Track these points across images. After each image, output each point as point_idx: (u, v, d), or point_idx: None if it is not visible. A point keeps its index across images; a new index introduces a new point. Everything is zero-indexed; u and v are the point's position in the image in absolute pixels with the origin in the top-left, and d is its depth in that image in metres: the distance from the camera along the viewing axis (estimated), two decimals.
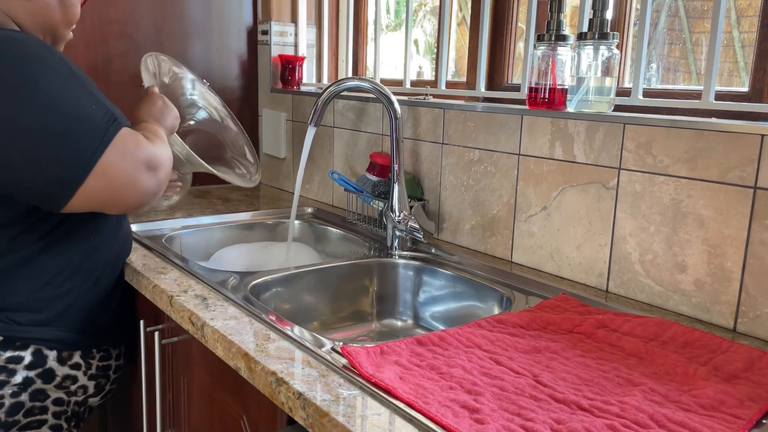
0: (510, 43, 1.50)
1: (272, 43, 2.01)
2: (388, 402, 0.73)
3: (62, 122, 0.91)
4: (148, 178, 0.99)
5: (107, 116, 0.96)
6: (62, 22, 1.07)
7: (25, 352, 1.05)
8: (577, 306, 1.05)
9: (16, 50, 0.92)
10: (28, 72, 0.91)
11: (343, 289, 1.31)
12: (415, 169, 1.50)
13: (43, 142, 0.91)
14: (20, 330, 1.04)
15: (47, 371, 1.07)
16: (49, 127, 0.91)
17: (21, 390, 1.05)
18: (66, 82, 0.94)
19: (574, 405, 0.73)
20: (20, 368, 1.04)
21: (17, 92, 0.90)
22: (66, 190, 0.93)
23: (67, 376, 1.10)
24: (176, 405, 1.18)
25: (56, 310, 1.08)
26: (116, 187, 0.96)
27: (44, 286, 1.06)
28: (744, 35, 1.13)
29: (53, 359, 1.07)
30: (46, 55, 0.95)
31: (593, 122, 1.13)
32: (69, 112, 0.92)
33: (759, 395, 0.77)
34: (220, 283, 1.11)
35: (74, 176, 0.92)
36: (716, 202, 0.99)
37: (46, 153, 0.91)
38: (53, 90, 0.92)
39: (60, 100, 0.92)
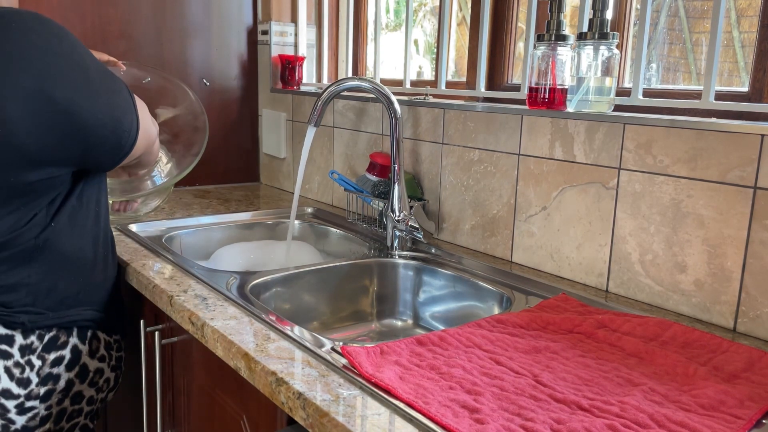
0: (510, 43, 1.50)
1: (272, 43, 2.01)
2: (388, 402, 0.73)
3: (110, 83, 1.00)
4: (155, 132, 1.12)
5: (122, 82, 1.04)
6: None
7: (65, 351, 1.05)
8: (577, 306, 1.05)
9: (51, 24, 0.96)
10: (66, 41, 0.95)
11: (343, 289, 1.31)
12: (415, 169, 1.50)
13: (110, 100, 0.98)
14: (68, 314, 1.05)
15: (82, 367, 1.09)
16: (109, 87, 0.99)
17: (64, 396, 1.07)
18: (85, 50, 0.99)
19: (574, 405, 0.73)
20: (63, 371, 1.05)
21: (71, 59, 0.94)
22: (130, 137, 1.02)
23: (97, 369, 1.11)
24: (176, 405, 1.18)
25: (89, 288, 1.09)
26: (149, 139, 1.08)
27: (75, 263, 1.07)
28: (744, 35, 1.13)
29: (86, 354, 1.09)
30: (60, 29, 0.98)
31: (593, 122, 1.13)
32: (107, 74, 1.00)
33: (759, 395, 0.77)
34: (220, 283, 1.11)
35: (134, 126, 1.02)
36: (716, 202, 0.99)
37: (116, 109, 0.99)
38: (89, 57, 0.98)
39: (99, 66, 0.99)
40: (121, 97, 1.01)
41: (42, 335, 1.03)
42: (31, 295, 1.01)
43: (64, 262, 1.05)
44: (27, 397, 1.02)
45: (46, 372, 1.03)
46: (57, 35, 0.94)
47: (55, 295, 1.04)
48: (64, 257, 1.04)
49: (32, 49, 0.91)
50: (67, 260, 1.05)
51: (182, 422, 1.16)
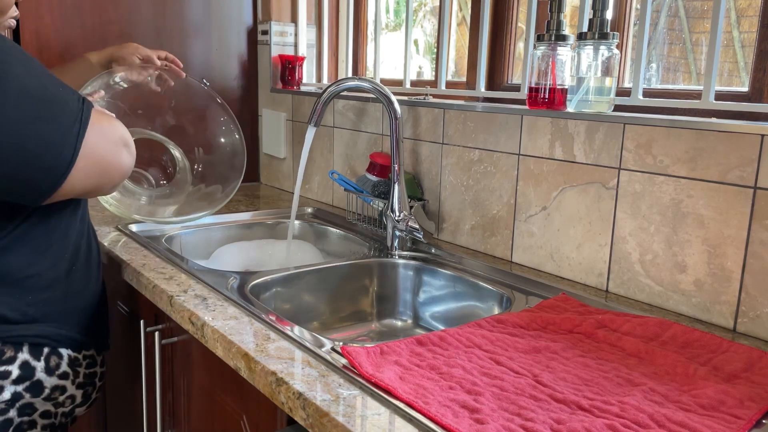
0: (510, 43, 1.50)
1: (272, 43, 2.01)
2: (388, 402, 0.73)
3: (39, 108, 0.87)
4: (126, 156, 0.98)
5: (76, 96, 0.92)
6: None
7: (12, 366, 0.99)
8: (577, 306, 1.05)
9: None
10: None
11: (343, 289, 1.31)
12: (415, 169, 1.50)
13: (26, 130, 0.86)
14: (10, 329, 0.99)
15: (35, 383, 1.02)
16: (29, 115, 0.86)
17: (9, 406, 1.00)
18: (26, 67, 0.89)
19: (574, 405, 0.73)
20: (8, 384, 0.99)
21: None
22: (56, 178, 0.89)
23: (56, 386, 1.05)
24: (176, 405, 1.18)
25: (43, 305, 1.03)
26: (103, 168, 0.94)
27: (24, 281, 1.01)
28: (744, 35, 1.13)
29: (41, 370, 1.03)
30: (1, 41, 0.89)
31: (593, 122, 1.13)
32: (41, 97, 0.88)
33: (759, 395, 0.77)
34: (220, 283, 1.11)
35: (64, 162, 0.89)
36: (716, 202, 0.99)
37: (31, 141, 0.86)
38: (19, 76, 0.87)
39: (30, 86, 0.87)
40: (51, 126, 0.88)
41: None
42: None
43: (7, 282, 0.99)
44: None
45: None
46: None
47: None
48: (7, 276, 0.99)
49: None
50: (11, 279, 0.99)
51: (182, 422, 1.16)
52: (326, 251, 1.60)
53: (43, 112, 0.87)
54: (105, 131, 0.94)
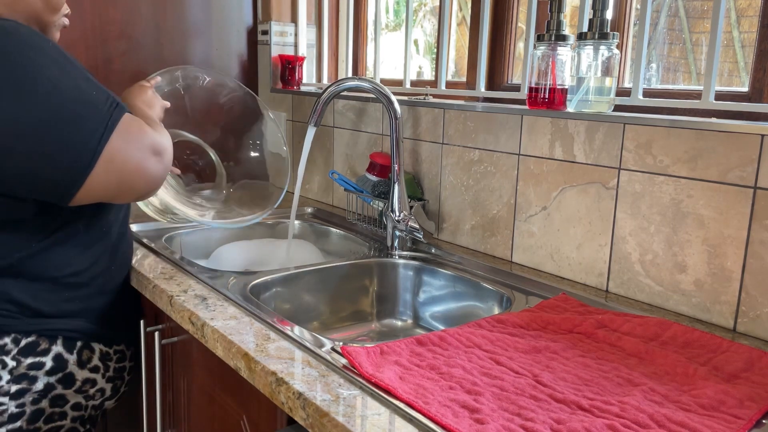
0: (510, 43, 1.50)
1: (272, 43, 2.00)
2: (388, 402, 0.73)
3: (65, 109, 0.89)
4: (155, 164, 0.97)
5: (109, 101, 0.93)
6: (44, 8, 1.03)
7: (46, 358, 1.03)
8: (577, 306, 1.05)
9: (9, 40, 0.89)
10: (25, 61, 0.89)
11: (343, 289, 1.31)
12: (415, 169, 1.50)
13: (48, 130, 0.88)
14: (46, 322, 1.03)
15: (67, 375, 1.06)
16: (53, 116, 0.88)
17: (41, 396, 1.04)
18: (64, 69, 0.91)
19: (574, 405, 0.73)
20: (41, 374, 1.03)
21: (17, 83, 0.88)
22: (74, 179, 0.90)
23: (87, 379, 1.09)
24: (176, 405, 1.18)
25: (79, 301, 1.07)
26: (125, 173, 0.93)
27: (64, 278, 1.04)
28: (744, 35, 1.13)
29: (73, 363, 1.06)
30: (41, 42, 0.92)
31: (593, 122, 1.13)
32: (71, 98, 0.90)
33: (759, 395, 0.77)
34: (220, 283, 1.11)
35: (82, 164, 0.90)
36: (716, 202, 0.99)
37: (51, 141, 0.88)
38: (53, 78, 0.90)
39: (61, 87, 0.90)
40: (74, 128, 0.89)
41: (18, 339, 1.01)
42: (5, 301, 0.99)
43: (47, 278, 1.03)
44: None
45: (20, 372, 1.01)
46: (8, 55, 0.88)
47: (34, 303, 1.02)
48: (47, 273, 1.03)
49: None
50: (50, 276, 1.03)
51: (182, 422, 1.16)
52: (326, 251, 1.60)
53: (69, 114, 0.89)
54: (132, 137, 0.94)
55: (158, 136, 0.99)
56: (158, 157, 0.97)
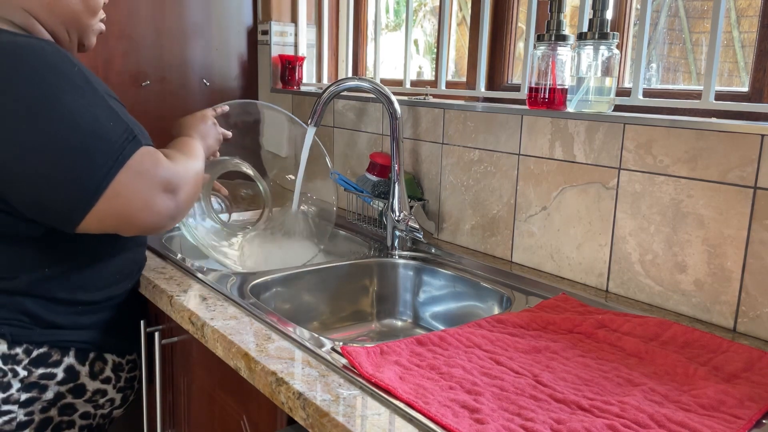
0: (510, 43, 1.50)
1: (272, 43, 2.00)
2: (388, 402, 0.73)
3: (77, 139, 0.88)
4: (165, 200, 0.94)
5: (126, 134, 0.91)
6: (83, 11, 1.03)
7: (57, 369, 1.03)
8: (577, 306, 1.05)
9: (33, 60, 0.89)
10: (44, 84, 0.88)
11: (343, 289, 1.31)
12: (415, 169, 1.50)
13: (57, 159, 0.87)
14: (60, 334, 1.03)
15: (78, 386, 1.06)
16: (64, 144, 0.87)
17: (51, 405, 1.04)
18: (84, 96, 0.90)
19: (574, 405, 0.73)
20: (52, 384, 1.03)
21: (34, 106, 0.87)
22: (77, 210, 0.89)
23: (98, 390, 1.08)
24: (176, 405, 1.18)
25: (92, 314, 1.06)
26: (130, 209, 0.91)
27: (79, 290, 1.04)
28: (744, 35, 1.13)
29: (85, 375, 1.06)
30: (64, 66, 0.91)
31: (593, 122, 1.13)
32: (85, 128, 0.88)
33: (759, 395, 0.77)
34: (220, 283, 1.11)
35: (86, 197, 0.88)
36: (716, 202, 0.99)
37: (59, 171, 0.87)
38: (70, 104, 0.88)
39: (77, 116, 0.88)
40: (83, 160, 0.88)
41: (29, 350, 1.00)
42: (18, 311, 0.99)
43: (60, 299, 1.02)
44: (4, 401, 0.99)
45: (31, 381, 1.01)
46: (28, 77, 0.87)
47: (48, 316, 1.01)
48: (65, 290, 1.02)
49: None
50: (68, 293, 1.03)
51: (182, 422, 1.16)
52: (326, 251, 1.60)
53: (80, 145, 0.88)
54: (143, 172, 0.91)
55: (176, 170, 0.96)
56: (170, 193, 0.95)
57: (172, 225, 0.99)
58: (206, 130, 1.19)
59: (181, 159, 1.01)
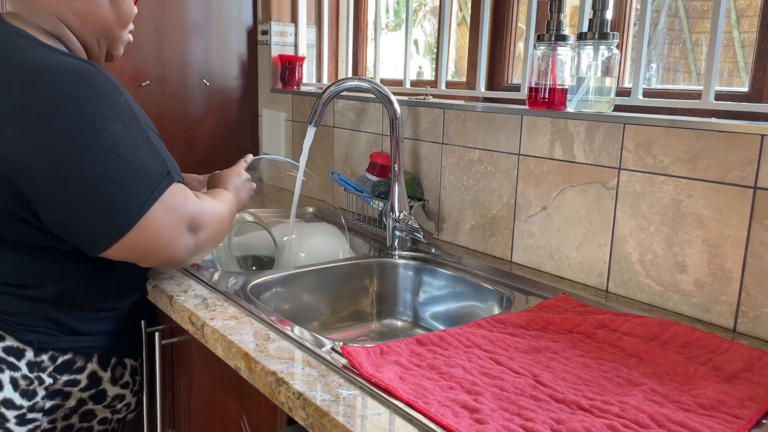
0: (510, 43, 1.50)
1: (272, 43, 2.01)
2: (388, 402, 0.73)
3: (118, 170, 0.87)
4: (187, 238, 0.94)
5: (162, 168, 0.92)
6: (115, 21, 1.03)
7: (81, 375, 1.03)
8: (577, 306, 1.05)
9: (83, 85, 0.88)
10: (94, 110, 0.87)
11: (343, 289, 1.31)
12: (415, 169, 1.50)
13: (96, 187, 0.86)
14: (83, 340, 1.03)
15: (100, 392, 1.06)
16: (105, 173, 0.87)
17: (72, 412, 1.04)
18: (128, 127, 0.90)
19: (574, 405, 0.73)
20: (75, 391, 1.03)
21: (78, 130, 0.86)
22: (106, 239, 0.89)
23: (117, 395, 1.09)
24: (176, 405, 1.18)
25: (114, 320, 1.07)
26: (157, 243, 0.91)
27: (103, 298, 1.05)
28: (744, 35, 1.13)
29: (107, 380, 1.07)
30: (112, 92, 0.91)
31: (593, 122, 1.13)
32: (127, 159, 0.88)
33: (759, 395, 0.77)
34: (220, 283, 1.11)
35: (118, 228, 0.88)
36: (716, 202, 0.99)
37: (96, 199, 0.87)
38: (114, 133, 0.88)
39: (120, 146, 0.88)
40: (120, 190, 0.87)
41: (55, 357, 1.00)
42: (43, 319, 0.99)
43: (85, 306, 1.03)
44: (30, 409, 1.00)
45: (56, 388, 1.01)
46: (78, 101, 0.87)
47: (72, 323, 1.02)
48: (87, 300, 1.03)
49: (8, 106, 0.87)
50: (90, 301, 1.03)
51: (182, 422, 1.16)
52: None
53: (119, 176, 0.87)
54: (173, 209, 0.92)
55: (203, 208, 0.97)
56: (193, 232, 0.95)
57: (190, 263, 0.99)
58: (240, 184, 1.19)
59: (209, 201, 1.02)
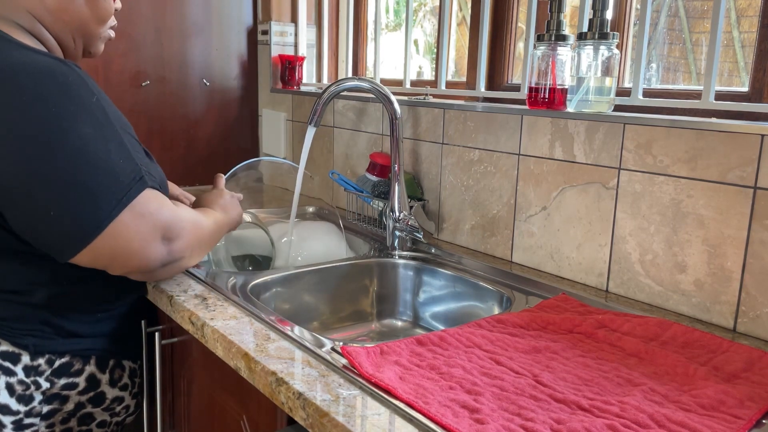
0: (510, 43, 1.50)
1: (272, 43, 2.01)
2: (388, 402, 0.73)
3: (85, 174, 0.84)
4: (159, 247, 0.91)
5: (134, 173, 0.88)
6: (91, 18, 1.00)
7: (79, 378, 1.02)
8: (577, 306, 1.05)
9: (54, 86, 0.86)
10: (63, 112, 0.85)
11: (343, 289, 1.31)
12: (415, 169, 1.50)
13: (62, 192, 0.84)
14: (81, 342, 1.03)
15: (99, 395, 1.06)
16: (71, 178, 0.84)
17: (71, 416, 1.04)
18: (99, 129, 0.87)
19: (574, 405, 0.73)
20: (73, 394, 1.02)
21: (47, 133, 0.84)
22: (72, 246, 0.87)
23: (116, 398, 1.09)
24: (176, 405, 1.18)
25: (111, 321, 1.07)
26: (126, 251, 0.88)
27: (98, 300, 1.04)
28: (744, 35, 1.13)
29: (106, 383, 1.06)
30: (85, 94, 0.88)
31: (593, 122, 1.13)
32: (96, 164, 0.85)
33: (759, 395, 0.77)
34: (220, 283, 1.11)
35: (83, 235, 0.86)
36: (716, 202, 0.99)
37: (61, 205, 0.84)
38: (85, 136, 0.85)
39: (90, 149, 0.85)
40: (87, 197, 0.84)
41: (52, 360, 0.99)
42: (38, 322, 0.99)
43: (80, 309, 1.02)
44: (27, 414, 0.99)
45: (53, 392, 1.00)
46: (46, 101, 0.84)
47: (69, 326, 1.01)
48: (84, 302, 1.02)
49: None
50: (87, 303, 1.03)
51: (182, 422, 1.16)
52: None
53: (86, 180, 0.85)
54: (145, 215, 0.88)
55: (179, 216, 0.94)
56: (167, 240, 0.92)
57: (166, 274, 0.97)
58: (226, 204, 1.15)
59: (187, 211, 0.98)
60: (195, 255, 1.00)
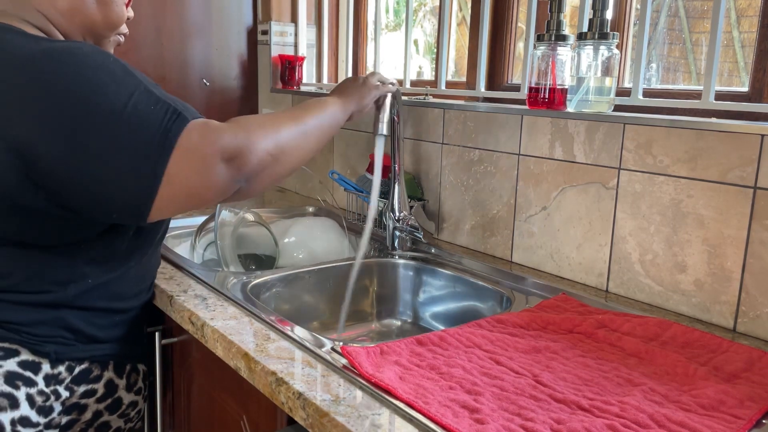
0: (510, 43, 1.50)
1: (272, 43, 2.00)
2: (388, 402, 0.73)
3: (123, 135, 0.83)
4: (223, 170, 0.86)
5: (169, 114, 0.86)
6: (102, 23, 1.00)
7: (98, 385, 1.02)
8: (577, 306, 1.05)
9: (71, 60, 0.85)
10: (83, 82, 0.83)
11: (343, 289, 1.31)
12: (415, 169, 1.50)
13: (109, 158, 0.83)
14: (100, 348, 1.02)
15: (116, 401, 1.05)
16: (112, 142, 0.83)
17: (88, 426, 1.03)
18: (123, 85, 0.86)
19: (574, 405, 0.73)
20: (92, 402, 1.01)
21: (74, 107, 0.83)
22: (141, 203, 0.85)
23: (131, 402, 1.08)
24: (176, 405, 1.18)
25: (126, 324, 1.06)
26: (191, 189, 0.86)
27: (115, 298, 1.03)
28: (744, 35, 1.13)
29: (123, 388, 1.06)
30: (101, 59, 0.87)
31: (593, 122, 1.13)
32: (129, 120, 0.84)
33: (759, 395, 0.77)
34: (220, 283, 1.11)
35: (144, 189, 0.84)
36: (716, 202, 0.99)
37: (114, 169, 0.83)
38: (110, 97, 0.84)
39: (118, 107, 0.84)
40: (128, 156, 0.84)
41: (72, 367, 0.99)
42: (60, 327, 0.98)
43: (100, 308, 1.01)
44: (47, 426, 0.97)
45: (72, 402, 0.99)
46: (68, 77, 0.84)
47: (88, 330, 1.00)
48: (101, 305, 1.01)
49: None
50: (107, 306, 1.02)
51: (182, 423, 1.16)
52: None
53: (125, 141, 0.83)
54: (194, 150, 0.85)
55: (232, 137, 0.88)
56: (229, 162, 0.87)
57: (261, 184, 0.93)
58: (346, 87, 1.08)
59: (256, 121, 0.94)
60: (282, 156, 0.94)
